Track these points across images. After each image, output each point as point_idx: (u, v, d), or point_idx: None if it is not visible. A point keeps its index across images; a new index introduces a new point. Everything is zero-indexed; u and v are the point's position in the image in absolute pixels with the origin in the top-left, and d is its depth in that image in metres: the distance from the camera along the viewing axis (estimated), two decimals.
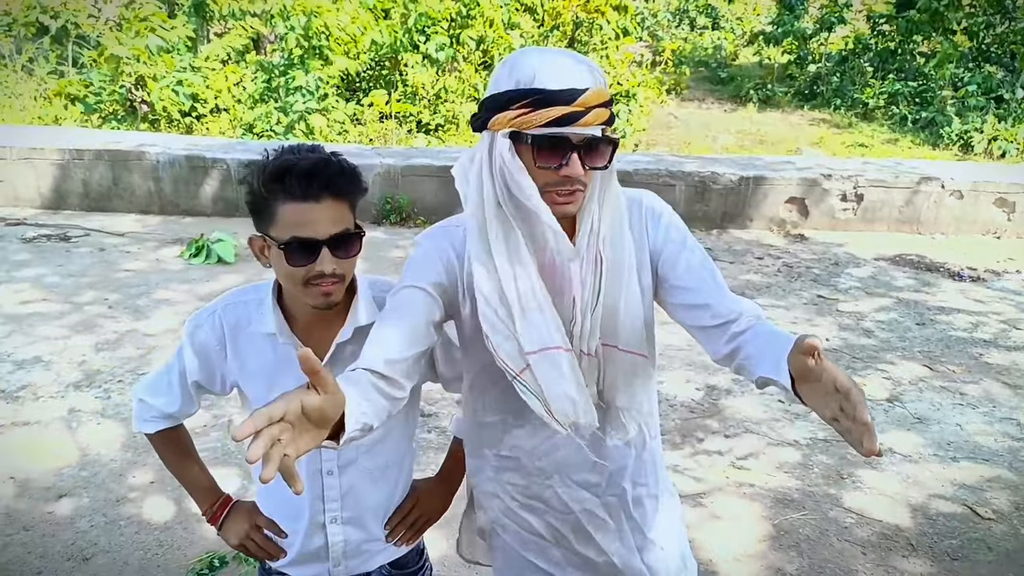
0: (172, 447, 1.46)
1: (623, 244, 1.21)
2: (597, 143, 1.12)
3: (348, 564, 1.42)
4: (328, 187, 1.17)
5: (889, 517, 2.75)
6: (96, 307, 4.46)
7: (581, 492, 1.33)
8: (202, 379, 1.36)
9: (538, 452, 1.32)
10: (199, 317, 1.35)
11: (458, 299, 1.24)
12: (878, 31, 11.63)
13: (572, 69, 1.10)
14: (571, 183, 1.12)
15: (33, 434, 3.14)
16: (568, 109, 1.08)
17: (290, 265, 1.18)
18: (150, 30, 8.45)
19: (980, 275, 5.32)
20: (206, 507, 1.45)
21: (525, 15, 9.63)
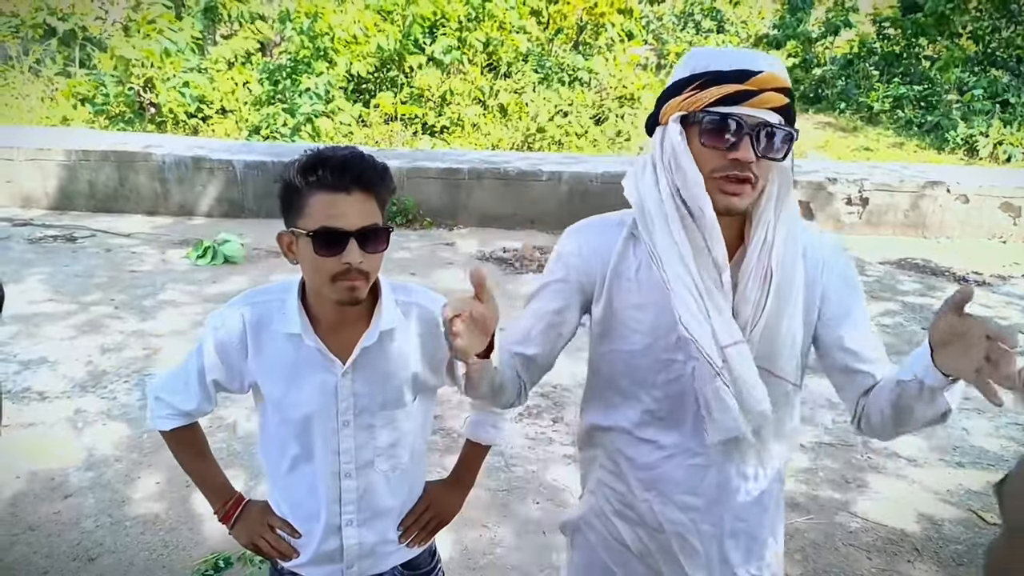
0: (187, 445, 1.46)
1: (795, 264, 1.15)
2: (772, 132, 1.06)
3: (362, 565, 1.42)
4: (359, 180, 1.17)
5: (895, 522, 2.74)
6: (102, 308, 4.48)
7: (677, 513, 1.28)
8: (221, 377, 1.35)
9: (642, 463, 1.29)
10: (221, 315, 1.33)
11: (595, 293, 1.23)
12: (883, 35, 11.62)
13: (747, 54, 1.07)
14: (740, 168, 1.06)
15: (39, 434, 3.15)
16: (740, 87, 1.04)
17: (318, 255, 1.18)
18: (158, 32, 8.49)
19: (985, 279, 5.31)
20: (218, 506, 1.46)
21: (531, 18, 9.65)
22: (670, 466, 1.26)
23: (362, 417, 1.32)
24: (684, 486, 1.27)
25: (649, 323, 1.19)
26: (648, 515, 1.31)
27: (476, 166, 6.41)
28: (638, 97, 9.42)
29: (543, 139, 8.73)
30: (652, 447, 1.27)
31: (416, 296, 1.36)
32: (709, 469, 1.25)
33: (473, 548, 2.53)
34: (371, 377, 1.31)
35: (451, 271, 5.28)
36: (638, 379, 1.24)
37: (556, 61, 9.60)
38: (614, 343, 1.24)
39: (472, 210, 6.41)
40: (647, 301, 1.19)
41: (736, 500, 1.27)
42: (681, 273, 1.11)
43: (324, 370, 1.29)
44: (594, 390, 1.34)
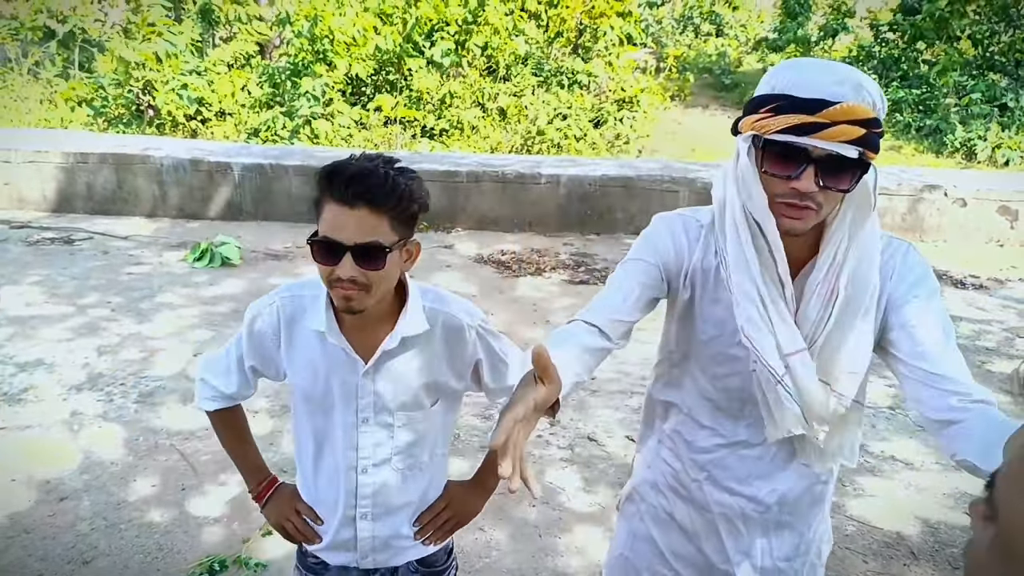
0: (228, 426, 1.53)
1: (867, 287, 1.14)
2: (841, 162, 1.04)
3: (376, 557, 1.46)
4: (363, 196, 1.16)
5: (891, 525, 2.74)
6: (99, 310, 4.48)
7: (727, 497, 1.33)
8: (258, 364, 1.41)
9: (699, 447, 1.34)
10: (259, 305, 1.38)
11: (680, 282, 1.26)
12: (881, 39, 11.64)
13: (830, 80, 1.04)
14: (800, 197, 1.06)
15: (35, 437, 3.15)
16: (809, 118, 1.02)
17: (316, 262, 1.22)
18: (158, 35, 8.50)
19: (983, 283, 5.32)
20: (253, 485, 1.53)
21: (530, 22, 9.67)
22: (725, 453, 1.31)
23: (381, 416, 1.36)
24: (737, 474, 1.31)
25: (719, 318, 1.23)
26: (698, 494, 1.36)
27: (474, 169, 6.41)
28: (637, 100, 9.43)
29: (542, 142, 8.74)
30: (710, 433, 1.32)
31: (446, 305, 1.38)
32: (763, 462, 1.30)
33: (469, 551, 2.53)
34: (391, 379, 1.35)
35: (449, 274, 5.28)
36: (701, 366, 1.29)
37: (555, 64, 9.61)
38: (689, 327, 1.28)
39: (470, 213, 6.42)
40: (722, 298, 1.22)
41: (787, 495, 1.31)
42: (745, 283, 1.13)
43: (346, 368, 1.33)
44: (663, 366, 1.38)
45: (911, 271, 1.18)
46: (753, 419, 1.27)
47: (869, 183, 1.10)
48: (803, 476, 1.32)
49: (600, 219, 6.27)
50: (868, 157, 1.06)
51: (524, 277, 5.27)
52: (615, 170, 6.51)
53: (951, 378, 1.09)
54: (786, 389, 1.14)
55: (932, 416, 1.10)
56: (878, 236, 1.16)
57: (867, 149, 1.05)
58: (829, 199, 1.08)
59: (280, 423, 3.25)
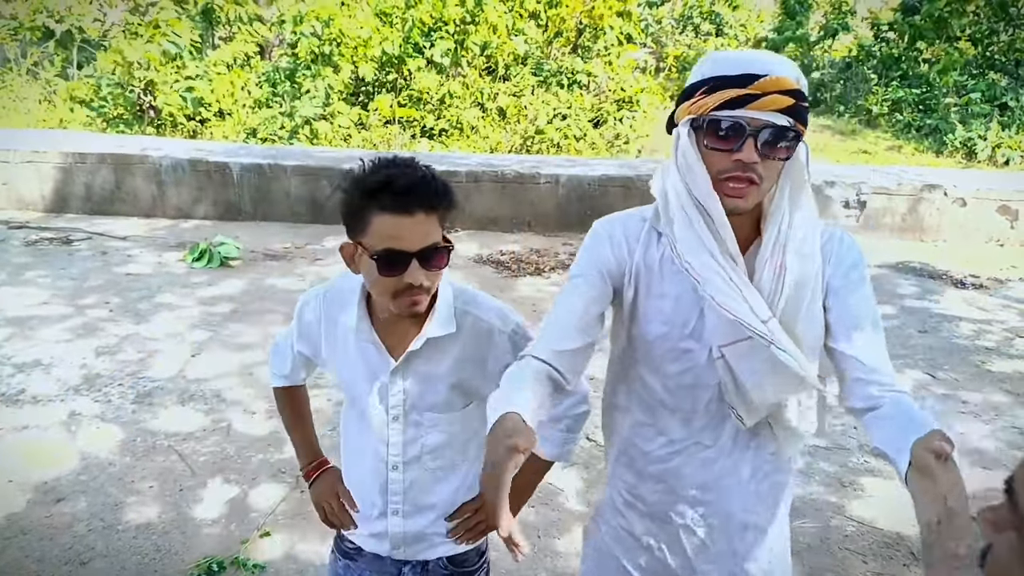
0: (287, 404, 1.59)
1: (813, 261, 1.16)
2: (778, 133, 1.09)
3: (407, 550, 1.48)
4: (422, 203, 1.19)
5: (891, 526, 2.73)
6: (97, 311, 4.47)
7: (686, 507, 1.32)
8: (306, 351, 1.46)
9: (653, 456, 1.32)
10: (308, 295, 1.43)
11: (624, 283, 1.26)
12: (882, 38, 11.63)
13: (754, 58, 1.10)
14: (744, 169, 1.09)
15: (32, 437, 3.14)
16: (741, 91, 1.07)
17: (381, 275, 1.22)
18: (162, 35, 8.50)
19: (983, 283, 5.30)
20: (304, 463, 1.58)
21: (529, 21, 9.66)
22: (680, 460, 1.30)
23: (411, 415, 1.37)
24: (694, 480, 1.30)
25: (668, 313, 1.23)
26: (657, 507, 1.34)
27: (474, 169, 6.40)
28: (636, 100, 9.42)
29: (542, 142, 8.73)
30: (664, 440, 1.30)
31: (475, 306, 1.37)
32: (718, 463, 1.28)
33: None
34: (420, 379, 1.35)
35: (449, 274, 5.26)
36: (653, 367, 1.27)
37: (555, 64, 9.61)
38: (634, 331, 1.27)
39: (470, 213, 6.41)
40: (668, 292, 1.22)
41: (746, 493, 1.30)
42: (707, 261, 1.14)
43: (378, 365, 1.35)
44: (614, 373, 1.38)
45: (848, 255, 1.21)
46: (708, 418, 1.26)
47: (802, 158, 1.14)
48: (763, 471, 1.31)
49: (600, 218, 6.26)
50: (798, 128, 1.10)
51: (524, 277, 5.26)
52: (615, 170, 6.50)
53: (877, 368, 1.15)
54: (779, 347, 1.13)
55: (855, 404, 1.16)
56: (816, 212, 1.19)
57: (796, 120, 1.09)
58: (769, 171, 1.11)
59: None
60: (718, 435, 1.27)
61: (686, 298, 1.20)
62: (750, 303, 1.13)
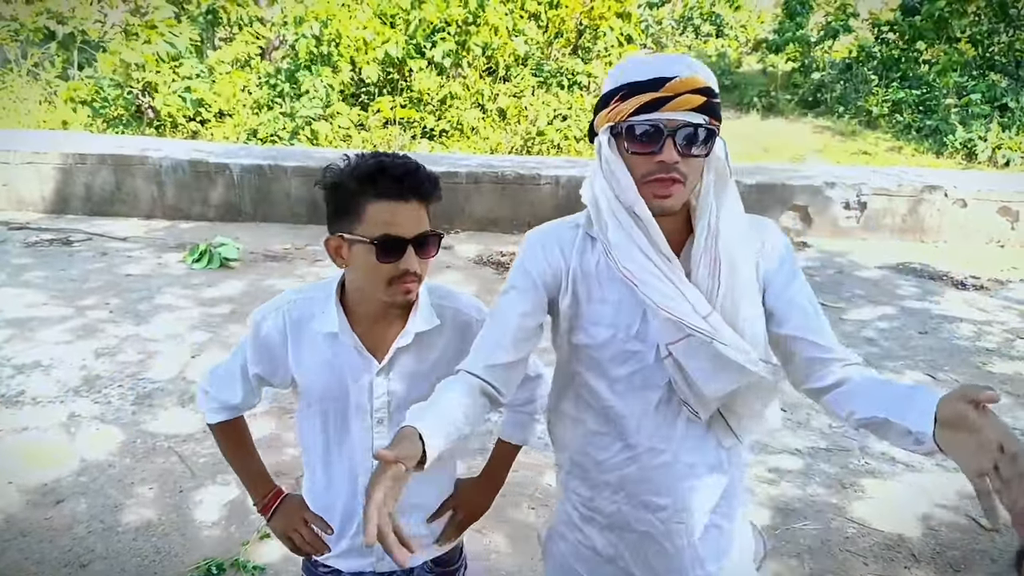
0: (231, 437, 1.50)
1: (745, 252, 1.19)
2: (695, 131, 1.11)
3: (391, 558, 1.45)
4: (416, 190, 1.23)
5: (892, 527, 2.72)
6: (97, 312, 4.46)
7: (647, 514, 1.30)
8: (263, 372, 1.39)
9: (608, 465, 1.30)
10: (264, 311, 1.38)
11: (561, 293, 1.25)
12: (882, 39, 11.63)
13: (664, 62, 1.13)
14: (666, 170, 1.12)
15: (32, 439, 3.14)
16: (655, 94, 1.10)
17: (380, 261, 1.22)
18: (159, 35, 8.50)
19: (984, 284, 5.30)
20: (258, 497, 1.50)
21: (529, 22, 9.66)
22: (636, 466, 1.28)
23: (397, 416, 1.35)
24: (652, 486, 1.29)
25: (610, 316, 1.23)
26: (616, 516, 1.32)
27: (474, 170, 6.40)
28: None
29: (542, 143, 8.73)
30: (619, 447, 1.29)
31: (454, 300, 1.41)
32: (675, 465, 1.27)
33: (467, 552, 2.51)
34: (405, 377, 1.35)
35: (449, 275, 5.26)
36: (600, 372, 1.26)
37: (555, 65, 9.61)
38: (578, 337, 1.26)
39: (470, 214, 6.41)
40: (608, 297, 1.23)
41: (705, 493, 1.29)
42: (643, 262, 1.16)
43: (360, 368, 1.33)
44: (560, 386, 1.37)
45: (780, 243, 1.25)
46: (661, 419, 1.26)
47: (720, 153, 1.16)
48: (721, 469, 1.30)
49: None
50: (713, 125, 1.13)
51: None
52: None
53: (833, 347, 1.20)
54: (721, 341, 1.15)
55: (817, 384, 1.19)
56: (741, 205, 1.21)
57: (710, 116, 1.13)
58: (691, 169, 1.14)
59: (278, 427, 3.23)
60: (671, 436, 1.26)
61: (627, 301, 1.20)
62: (690, 300, 1.15)
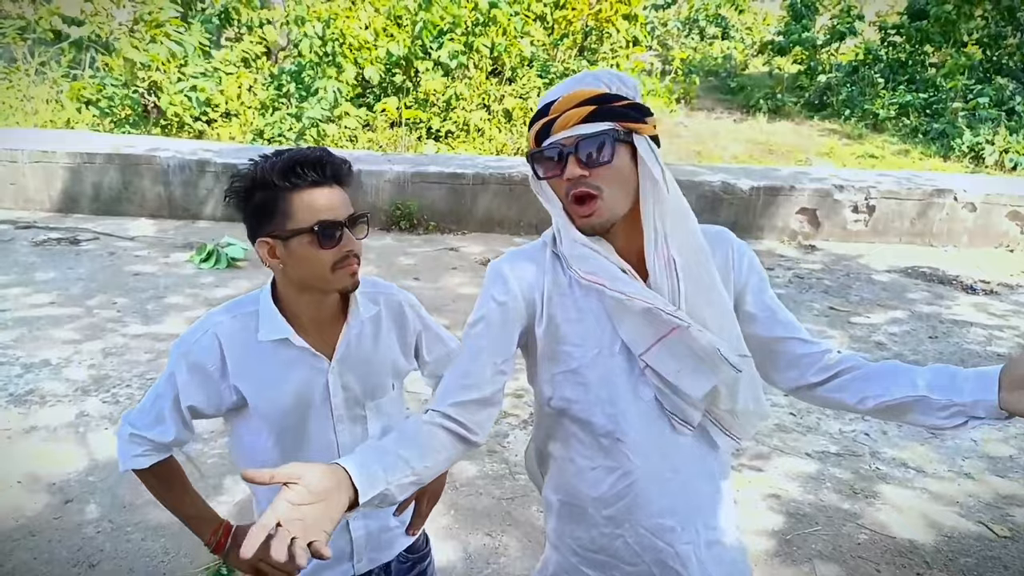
0: (166, 479, 1.39)
1: (698, 248, 1.17)
2: (595, 142, 1.11)
3: (370, 556, 1.45)
4: (335, 175, 1.25)
5: (904, 533, 2.71)
6: (105, 311, 4.46)
7: (654, 540, 1.23)
8: (199, 403, 1.31)
9: (607, 499, 1.23)
10: (188, 339, 1.30)
11: (535, 320, 1.20)
12: (888, 42, 11.60)
13: (557, 87, 1.16)
14: (576, 186, 1.12)
15: (41, 439, 3.13)
16: (543, 120, 1.14)
17: (322, 248, 1.21)
18: (165, 35, 8.51)
19: (993, 288, 5.28)
20: (208, 536, 1.40)
21: (536, 24, 9.65)
22: (637, 492, 1.22)
23: (353, 410, 1.36)
24: (656, 508, 1.22)
25: (591, 333, 1.18)
26: (623, 551, 1.24)
27: (481, 171, 6.39)
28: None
29: None
30: (615, 478, 1.22)
31: (380, 286, 1.43)
32: (674, 482, 1.22)
33: (476, 556, 2.50)
34: (356, 368, 1.35)
35: (455, 276, 5.25)
36: (591, 396, 1.19)
37: (561, 66, 9.60)
38: (559, 364, 1.20)
39: (476, 215, 6.40)
40: (584, 310, 1.18)
41: (705, 506, 1.26)
42: (606, 265, 1.15)
43: (312, 369, 1.32)
44: (545, 429, 1.29)
45: (744, 249, 1.26)
46: (656, 434, 1.20)
47: (645, 154, 1.13)
48: (713, 478, 1.26)
49: None
50: (631, 127, 1.12)
51: None
52: None
53: (816, 340, 1.24)
54: (700, 327, 1.14)
55: (814, 379, 1.21)
56: (684, 201, 1.18)
57: (619, 121, 1.11)
58: (607, 178, 1.12)
59: None
60: (666, 452, 1.21)
61: (605, 315, 1.17)
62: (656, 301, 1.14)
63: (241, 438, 1.37)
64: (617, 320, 1.16)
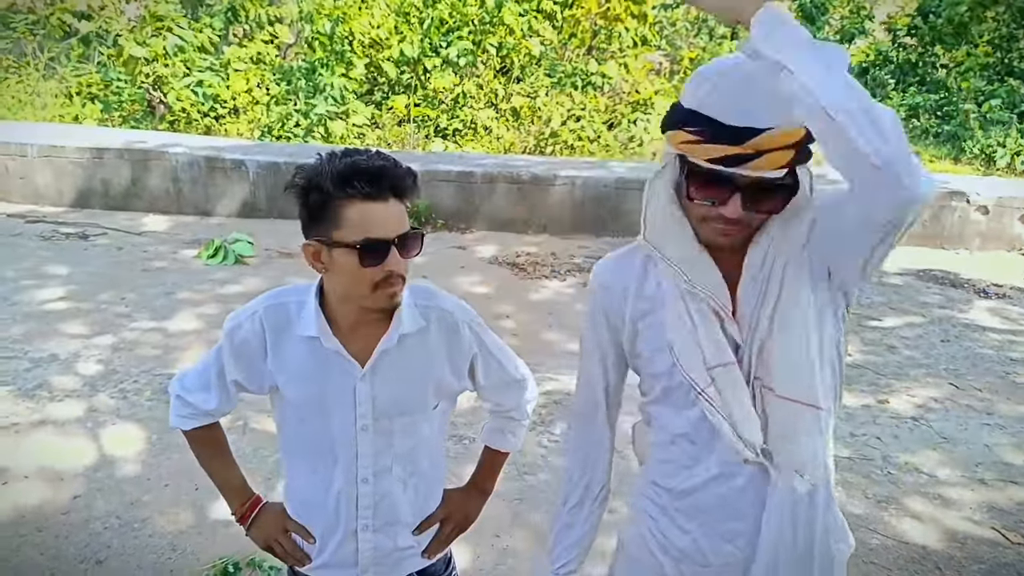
0: (207, 445, 1.46)
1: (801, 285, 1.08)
2: (769, 188, 1.01)
3: (377, 571, 1.41)
4: (393, 188, 1.17)
5: (916, 539, 2.68)
6: (114, 307, 4.46)
7: (723, 544, 1.21)
8: (241, 378, 1.35)
9: (679, 491, 1.23)
10: (239, 316, 1.33)
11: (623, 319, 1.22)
12: (899, 43, 11.54)
13: (758, 102, 0.97)
14: (726, 222, 1.04)
15: (49, 433, 3.13)
16: (735, 150, 0.98)
17: (364, 266, 1.17)
18: (167, 30, 8.52)
19: (1006, 292, 5.23)
20: (236, 506, 1.46)
21: (544, 22, 9.63)
22: (710, 492, 1.21)
23: (381, 422, 1.31)
24: (726, 512, 1.20)
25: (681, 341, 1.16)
26: (692, 549, 1.24)
27: (490, 170, 6.37)
28: (651, 103, 9.37)
29: (555, 143, 8.70)
30: (689, 473, 1.22)
31: (437, 300, 1.35)
32: (748, 490, 1.19)
33: (485, 558, 2.49)
34: (390, 381, 1.30)
35: (465, 275, 5.24)
36: (672, 401, 1.21)
37: (569, 66, 9.57)
38: (645, 367, 1.23)
39: (485, 214, 6.38)
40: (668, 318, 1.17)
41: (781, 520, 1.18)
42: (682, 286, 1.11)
43: (342, 373, 1.28)
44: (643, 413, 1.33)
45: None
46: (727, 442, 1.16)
47: (805, 185, 1.06)
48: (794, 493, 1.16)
49: (616, 222, 6.22)
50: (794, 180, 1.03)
51: (539, 279, 5.22)
52: (631, 173, 6.46)
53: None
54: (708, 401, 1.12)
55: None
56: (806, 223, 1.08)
57: (800, 162, 1.02)
58: (758, 220, 1.07)
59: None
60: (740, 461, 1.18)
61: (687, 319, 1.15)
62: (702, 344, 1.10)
63: (281, 420, 1.40)
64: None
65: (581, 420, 1.36)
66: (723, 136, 0.98)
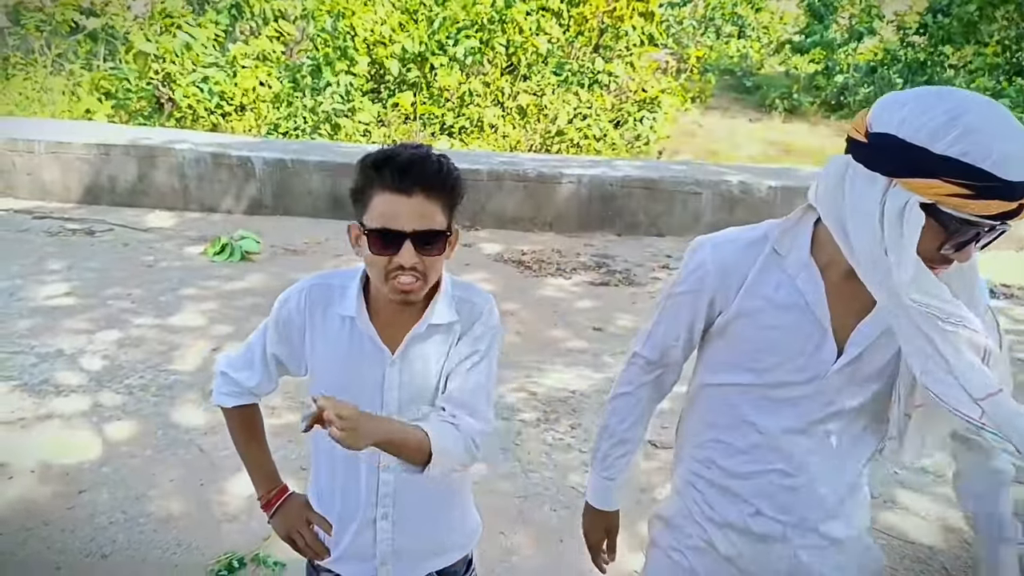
0: (244, 425, 1.47)
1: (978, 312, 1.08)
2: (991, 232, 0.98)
3: (394, 566, 1.41)
4: (420, 182, 1.17)
5: (923, 539, 2.67)
6: (120, 303, 4.48)
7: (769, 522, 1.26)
8: (282, 353, 1.37)
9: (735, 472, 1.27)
10: (289, 292, 1.37)
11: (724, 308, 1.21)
12: (907, 42, 11.49)
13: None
14: (948, 262, 1.02)
15: (54, 428, 3.14)
16: (1010, 206, 0.92)
17: (373, 253, 1.20)
18: (176, 27, 8.54)
19: (1014, 293, 5.20)
20: (263, 492, 1.46)
21: (551, 21, 9.61)
22: (762, 482, 1.24)
23: (408, 409, 1.32)
24: (776, 504, 1.25)
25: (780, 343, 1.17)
26: (738, 522, 1.28)
27: (495, 168, 6.37)
28: (657, 101, 9.35)
29: (561, 141, 8.69)
30: (745, 459, 1.25)
31: (472, 293, 1.38)
32: (801, 491, 1.23)
33: (489, 556, 2.48)
34: (418, 370, 1.31)
35: (470, 272, 5.24)
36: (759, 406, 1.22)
37: (576, 64, 9.55)
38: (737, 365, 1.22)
39: (491, 212, 6.38)
40: (781, 323, 1.16)
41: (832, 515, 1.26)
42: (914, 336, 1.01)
43: (373, 358, 1.30)
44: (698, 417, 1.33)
45: None
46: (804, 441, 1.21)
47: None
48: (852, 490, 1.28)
49: (622, 220, 6.21)
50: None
51: (545, 277, 5.22)
52: (638, 171, 6.45)
53: None
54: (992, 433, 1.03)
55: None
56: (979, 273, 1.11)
57: None
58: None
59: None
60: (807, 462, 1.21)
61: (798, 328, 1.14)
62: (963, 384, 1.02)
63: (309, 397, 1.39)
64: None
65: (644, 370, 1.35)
66: (1004, 194, 0.91)
